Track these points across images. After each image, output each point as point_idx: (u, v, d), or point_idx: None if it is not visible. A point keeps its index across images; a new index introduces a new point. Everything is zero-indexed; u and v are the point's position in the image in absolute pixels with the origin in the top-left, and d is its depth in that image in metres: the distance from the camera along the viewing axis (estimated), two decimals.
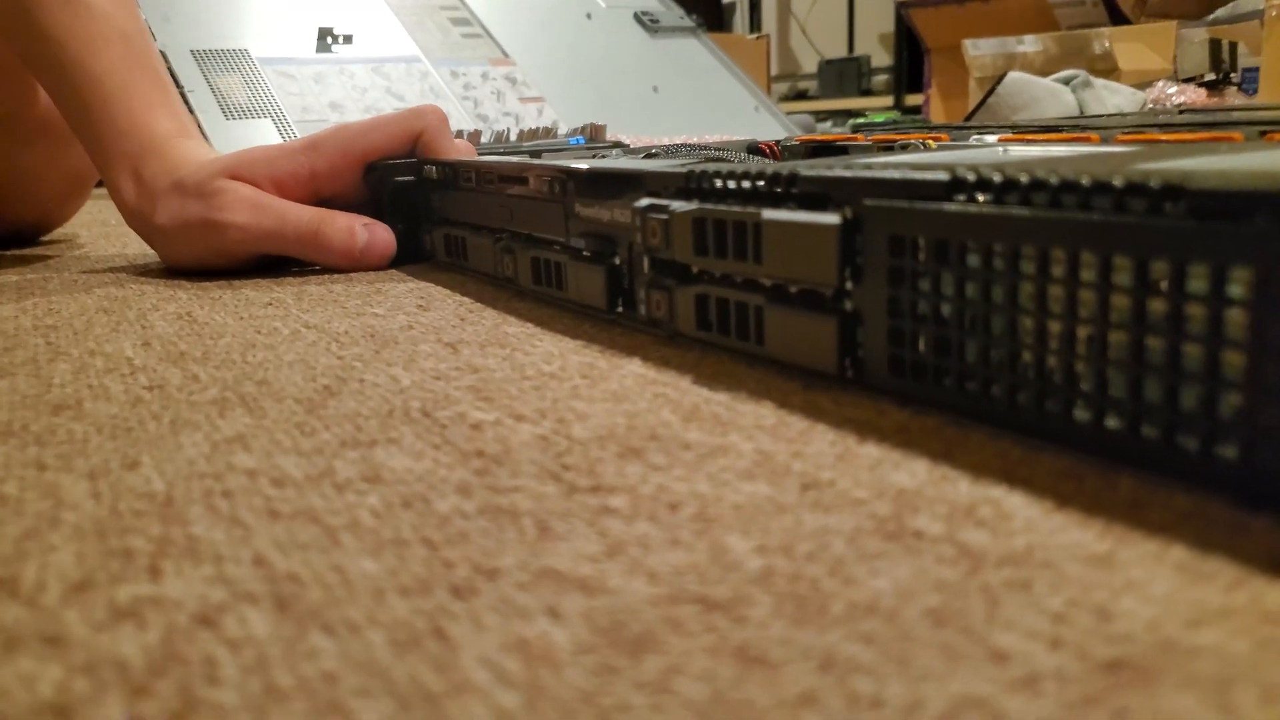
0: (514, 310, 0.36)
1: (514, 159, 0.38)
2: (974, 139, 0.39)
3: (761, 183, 0.24)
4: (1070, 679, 0.12)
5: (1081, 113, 0.97)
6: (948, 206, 0.20)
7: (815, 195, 0.23)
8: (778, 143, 0.47)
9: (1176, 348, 0.16)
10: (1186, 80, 1.16)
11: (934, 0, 1.75)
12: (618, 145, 0.56)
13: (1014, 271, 0.18)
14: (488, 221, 0.40)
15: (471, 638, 0.14)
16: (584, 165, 0.32)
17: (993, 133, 0.41)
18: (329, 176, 0.48)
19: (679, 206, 0.27)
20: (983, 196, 0.19)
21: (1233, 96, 1.13)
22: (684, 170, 0.27)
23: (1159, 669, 0.12)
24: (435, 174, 0.45)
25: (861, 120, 1.97)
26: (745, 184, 0.25)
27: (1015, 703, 0.12)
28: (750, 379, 0.25)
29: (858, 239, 0.22)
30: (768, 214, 0.24)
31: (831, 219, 0.22)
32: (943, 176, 0.20)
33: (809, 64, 3.41)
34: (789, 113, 1.54)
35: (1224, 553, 0.15)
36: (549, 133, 0.95)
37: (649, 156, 0.41)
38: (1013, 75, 1.01)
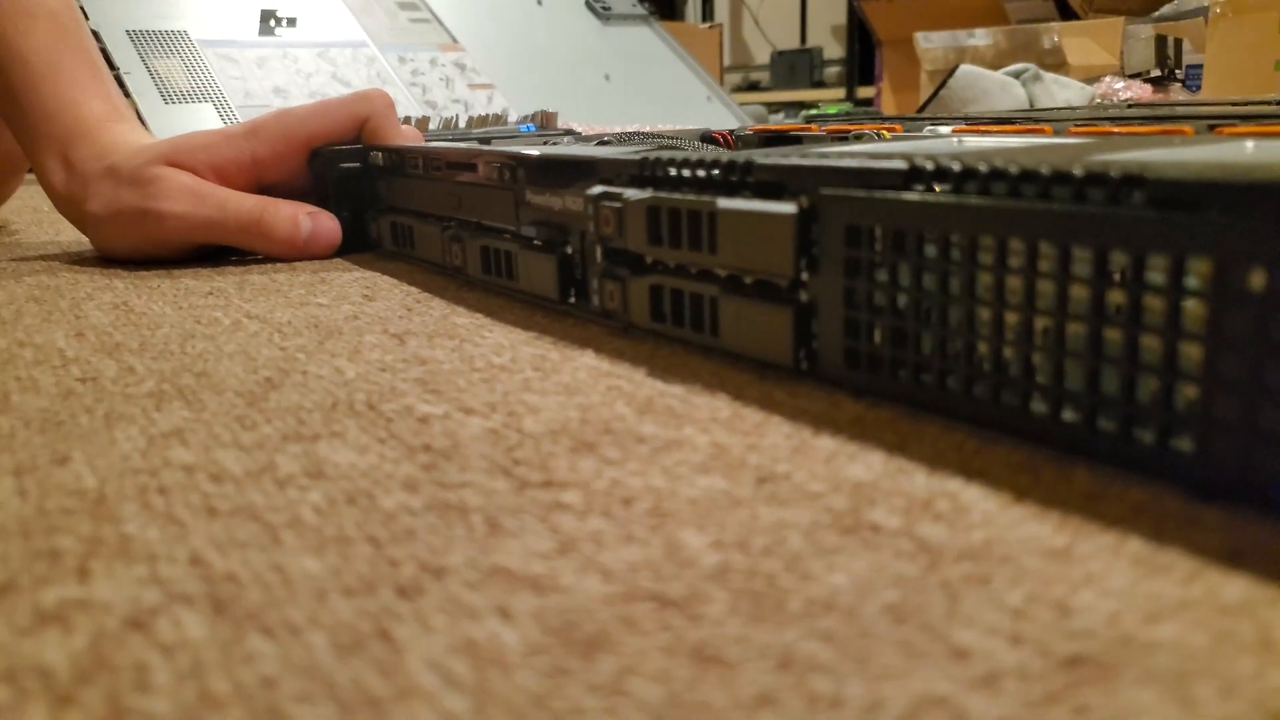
0: (463, 300, 0.35)
1: (463, 145, 0.37)
2: (928, 130, 0.39)
3: (717, 171, 0.24)
4: (1031, 676, 0.12)
5: (1032, 106, 0.98)
6: (905, 196, 0.19)
7: (771, 184, 0.23)
8: (731, 132, 0.47)
9: (1134, 340, 0.16)
10: (1133, 76, 1.18)
11: None
12: (569, 133, 0.56)
13: (972, 262, 0.18)
14: (436, 209, 0.40)
15: (418, 639, 0.13)
16: (535, 151, 0.32)
17: (946, 124, 0.41)
18: (271, 163, 0.47)
19: (633, 195, 0.26)
20: (940, 186, 0.19)
21: (1177, 92, 1.15)
22: (638, 158, 0.27)
23: (1119, 664, 0.12)
24: (381, 160, 0.44)
25: (814, 111, 1.98)
26: (700, 172, 0.25)
27: (976, 701, 0.11)
28: (705, 371, 0.25)
29: (814, 229, 0.22)
30: (723, 203, 0.23)
31: (787, 208, 0.22)
32: (900, 165, 0.20)
33: (761, 55, 3.42)
34: (741, 103, 1.54)
35: (1179, 545, 0.15)
36: (499, 120, 0.94)
37: (602, 144, 0.41)
38: (964, 68, 1.02)
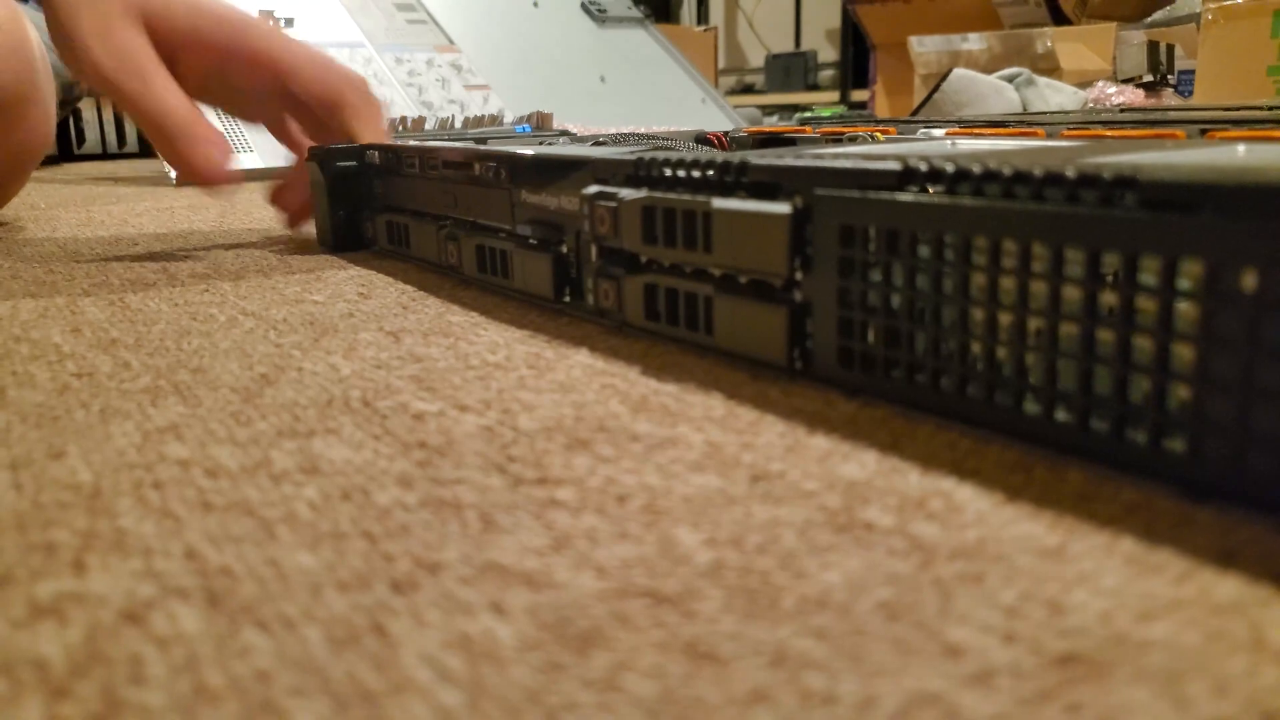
0: (458, 299, 0.35)
1: (459, 145, 0.37)
2: (922, 132, 0.39)
3: (711, 171, 0.24)
4: (1024, 674, 0.12)
5: (1025, 110, 0.98)
6: (900, 196, 0.19)
7: (766, 184, 0.23)
8: (726, 134, 0.47)
9: (1127, 340, 0.16)
10: (1125, 81, 1.18)
11: None
12: (565, 134, 0.56)
13: (965, 263, 0.18)
14: (431, 208, 0.40)
15: (412, 634, 0.13)
16: (531, 151, 0.32)
17: (940, 127, 0.41)
18: (227, 73, 0.44)
19: (628, 194, 0.26)
20: (934, 187, 0.19)
21: (1169, 97, 1.15)
22: (633, 158, 0.27)
23: (1112, 663, 0.12)
24: (378, 159, 0.44)
25: (808, 114, 1.98)
26: (695, 172, 0.25)
27: (969, 698, 0.11)
28: (699, 370, 0.25)
29: (808, 229, 0.22)
30: (718, 203, 0.23)
31: (782, 208, 0.22)
32: (895, 166, 0.20)
33: (756, 58, 3.42)
34: (736, 106, 1.54)
35: (1172, 545, 0.15)
36: (495, 120, 0.94)
37: (597, 144, 0.41)
38: (957, 72, 1.02)
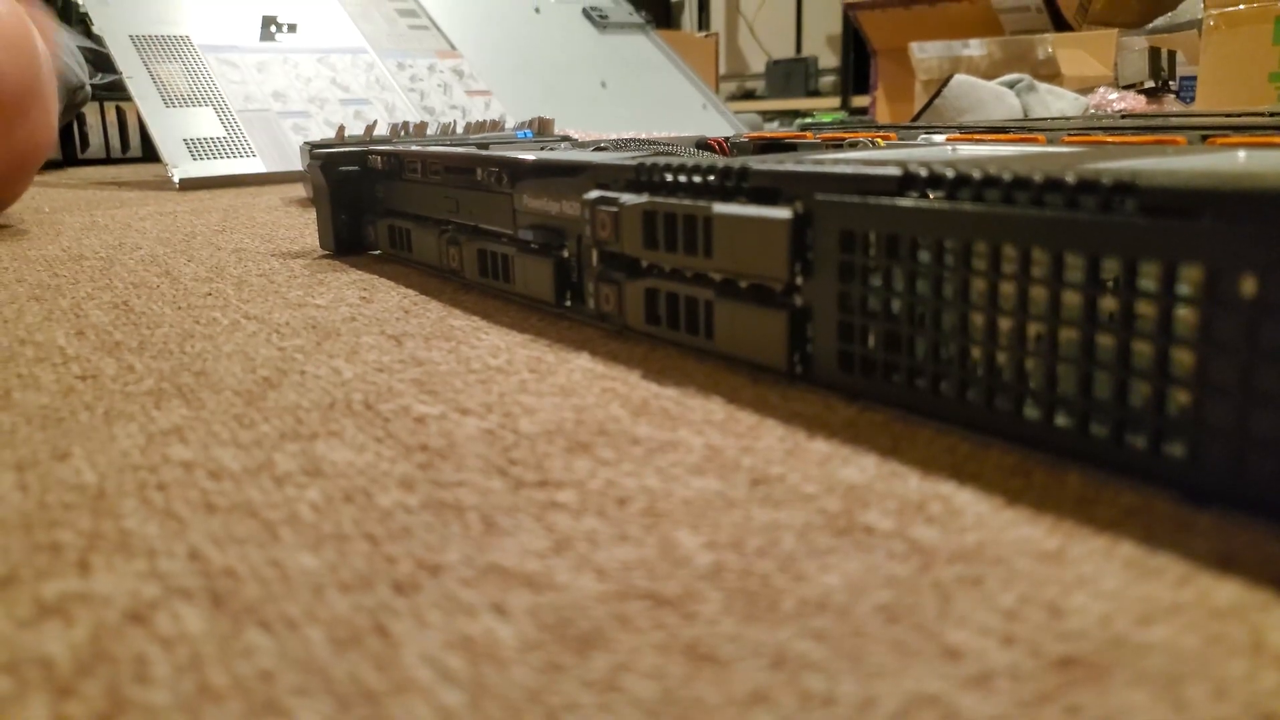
0: (459, 303, 0.35)
1: (461, 150, 0.37)
2: (922, 138, 0.40)
3: (712, 177, 0.24)
4: (1023, 676, 0.12)
5: (1026, 115, 0.98)
6: (900, 202, 0.19)
7: (766, 190, 0.23)
8: (726, 139, 0.47)
9: (1126, 345, 0.16)
10: (1127, 87, 1.18)
11: (881, 3, 1.77)
12: (566, 139, 0.56)
13: (965, 268, 0.18)
14: (433, 213, 0.40)
15: (414, 635, 0.13)
16: (532, 156, 0.32)
17: (940, 133, 0.42)
18: None
19: (629, 199, 0.26)
20: (934, 193, 0.19)
21: (1171, 103, 1.15)
22: (634, 163, 0.27)
23: (1110, 665, 0.12)
24: (380, 164, 0.44)
25: (809, 120, 1.98)
26: (696, 178, 0.25)
27: (968, 700, 0.12)
28: (699, 374, 0.25)
29: (808, 234, 0.22)
30: (718, 208, 0.24)
31: (783, 213, 0.22)
32: (895, 172, 0.20)
33: (756, 64, 3.42)
34: (737, 112, 1.54)
35: (1171, 549, 0.15)
36: (496, 126, 0.94)
37: (598, 150, 0.41)
38: (958, 78, 1.02)
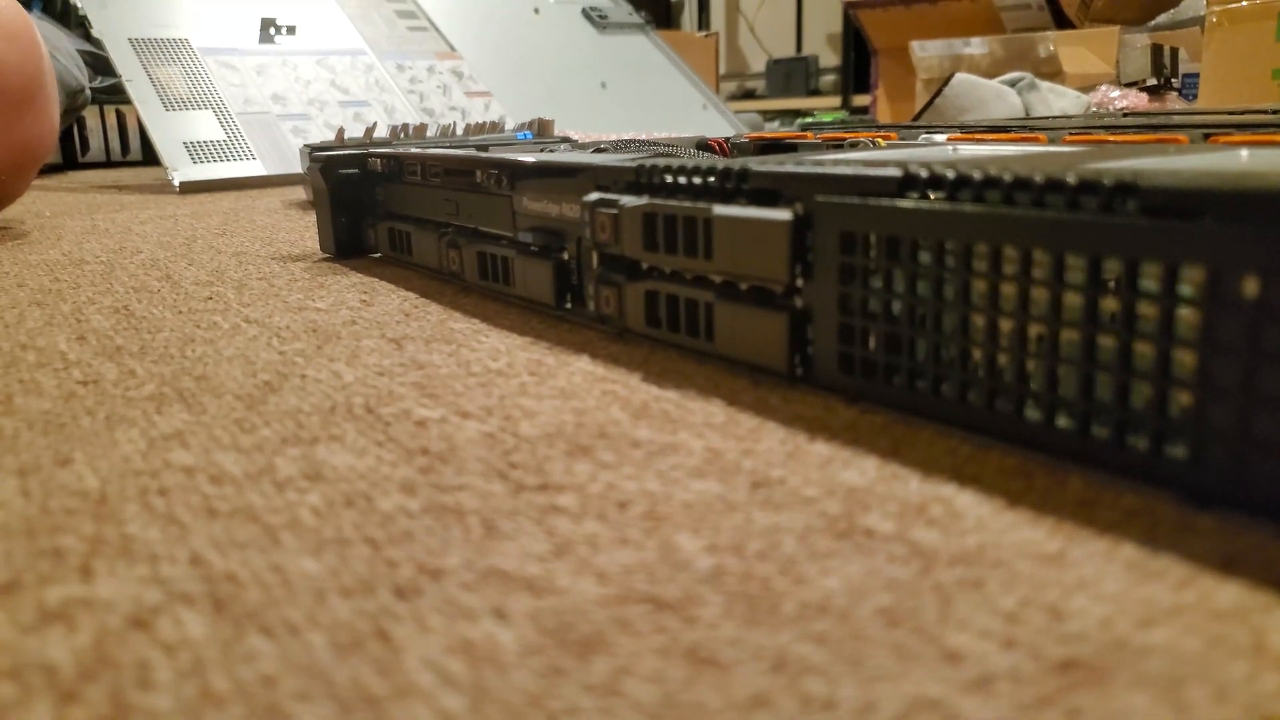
0: (460, 306, 0.35)
1: (460, 152, 0.38)
2: (923, 138, 0.40)
3: (712, 178, 0.24)
4: (1024, 679, 0.12)
5: (1027, 114, 0.98)
6: (900, 203, 0.19)
7: (766, 191, 0.23)
8: (727, 140, 0.47)
9: (1128, 346, 0.16)
10: (1129, 85, 1.18)
11: (881, 1, 1.76)
12: (566, 140, 0.56)
13: (966, 269, 0.18)
14: (433, 215, 0.40)
15: (415, 639, 0.13)
16: (532, 158, 0.32)
17: (941, 132, 0.41)
18: None
19: (629, 201, 0.26)
20: (935, 193, 0.19)
21: (1173, 101, 1.15)
22: (634, 165, 0.27)
23: (1111, 668, 0.12)
24: (380, 166, 0.44)
25: (809, 119, 1.98)
26: (696, 179, 0.25)
27: (969, 703, 0.11)
28: (699, 376, 0.25)
29: (809, 235, 0.22)
30: (718, 210, 0.24)
31: (783, 215, 0.22)
32: (895, 173, 0.20)
33: (757, 63, 3.42)
34: (737, 112, 1.54)
35: (1173, 551, 0.15)
36: (496, 127, 0.94)
37: (598, 151, 0.41)
38: (959, 77, 1.02)
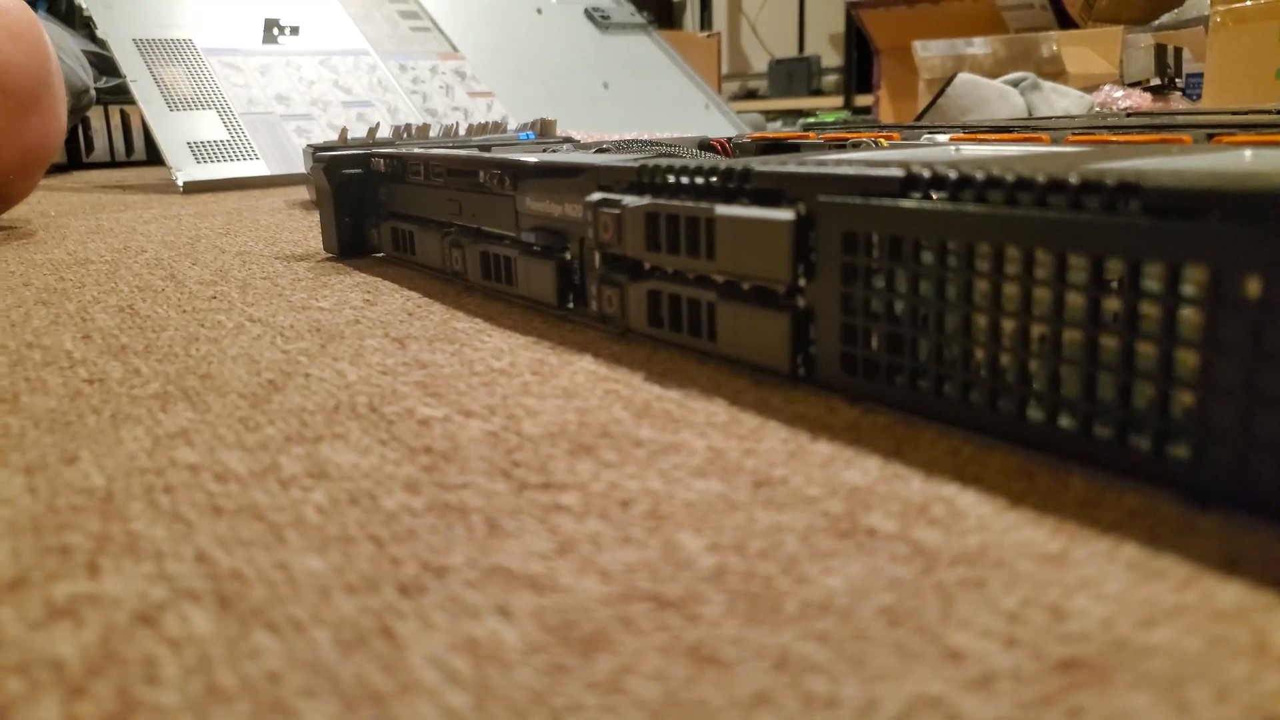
0: (463, 305, 0.35)
1: (463, 152, 0.38)
2: (925, 138, 0.40)
3: (715, 178, 0.24)
4: (1025, 678, 0.12)
5: (1030, 114, 0.98)
6: (902, 203, 0.19)
7: (769, 191, 0.23)
8: (729, 140, 0.47)
9: (1130, 347, 0.16)
10: (1132, 85, 1.18)
11: (884, 1, 1.76)
12: (568, 140, 0.56)
13: (968, 269, 0.18)
14: (436, 215, 0.40)
15: (419, 636, 0.13)
16: (535, 159, 0.32)
17: (944, 132, 0.42)
18: None
19: (631, 201, 0.26)
20: (937, 194, 0.19)
21: (1177, 101, 1.15)
22: (637, 165, 0.27)
23: (1113, 668, 0.12)
24: (383, 166, 0.45)
25: (812, 120, 1.98)
26: (698, 179, 0.25)
27: (971, 702, 0.12)
28: (702, 376, 0.25)
29: (811, 235, 0.22)
30: (721, 210, 0.24)
31: (785, 215, 0.22)
32: (897, 173, 0.20)
33: (759, 63, 3.42)
34: (739, 112, 1.54)
35: (1175, 551, 0.15)
36: (499, 127, 0.95)
37: (600, 151, 0.41)
38: (962, 77, 1.02)
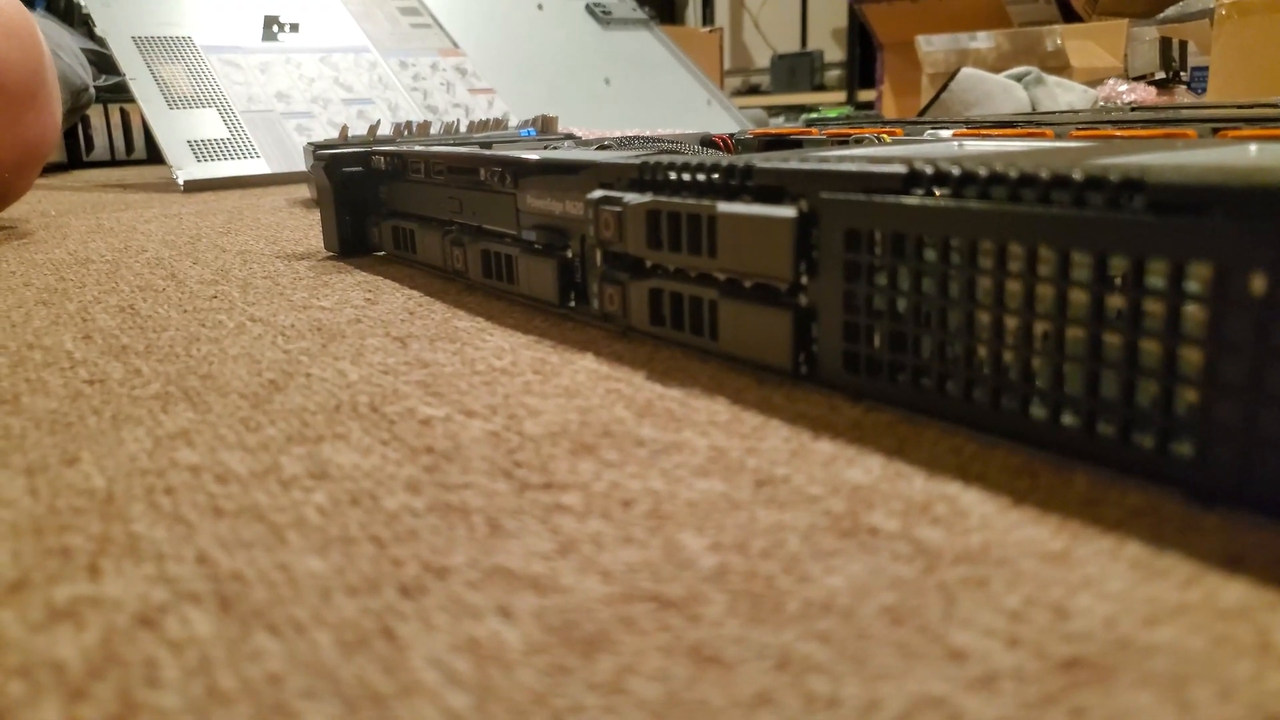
0: (464, 304, 0.35)
1: (464, 150, 0.38)
2: (929, 134, 0.39)
3: (716, 175, 0.24)
4: (1028, 678, 0.12)
5: (1034, 109, 0.98)
6: (905, 200, 0.19)
7: (770, 188, 0.23)
8: (731, 136, 0.47)
9: (1134, 344, 0.16)
10: (1137, 78, 1.18)
11: None
12: (569, 137, 0.56)
13: (971, 266, 0.18)
14: (437, 213, 0.40)
15: (421, 638, 0.13)
16: (535, 156, 0.32)
17: (947, 128, 0.41)
18: None
19: (632, 199, 0.26)
20: (940, 190, 0.19)
21: (1182, 95, 1.15)
22: (638, 162, 0.27)
23: (1116, 667, 0.12)
24: (383, 165, 0.44)
25: (815, 115, 1.97)
26: (700, 176, 0.25)
27: (973, 702, 0.11)
28: (703, 375, 0.25)
29: (813, 233, 0.22)
30: (722, 207, 0.24)
31: (787, 212, 0.22)
32: (900, 170, 0.20)
33: (761, 58, 3.42)
34: (742, 107, 1.54)
35: (1178, 549, 0.15)
36: (500, 124, 0.95)
37: (602, 148, 0.41)
38: (965, 71, 1.02)
